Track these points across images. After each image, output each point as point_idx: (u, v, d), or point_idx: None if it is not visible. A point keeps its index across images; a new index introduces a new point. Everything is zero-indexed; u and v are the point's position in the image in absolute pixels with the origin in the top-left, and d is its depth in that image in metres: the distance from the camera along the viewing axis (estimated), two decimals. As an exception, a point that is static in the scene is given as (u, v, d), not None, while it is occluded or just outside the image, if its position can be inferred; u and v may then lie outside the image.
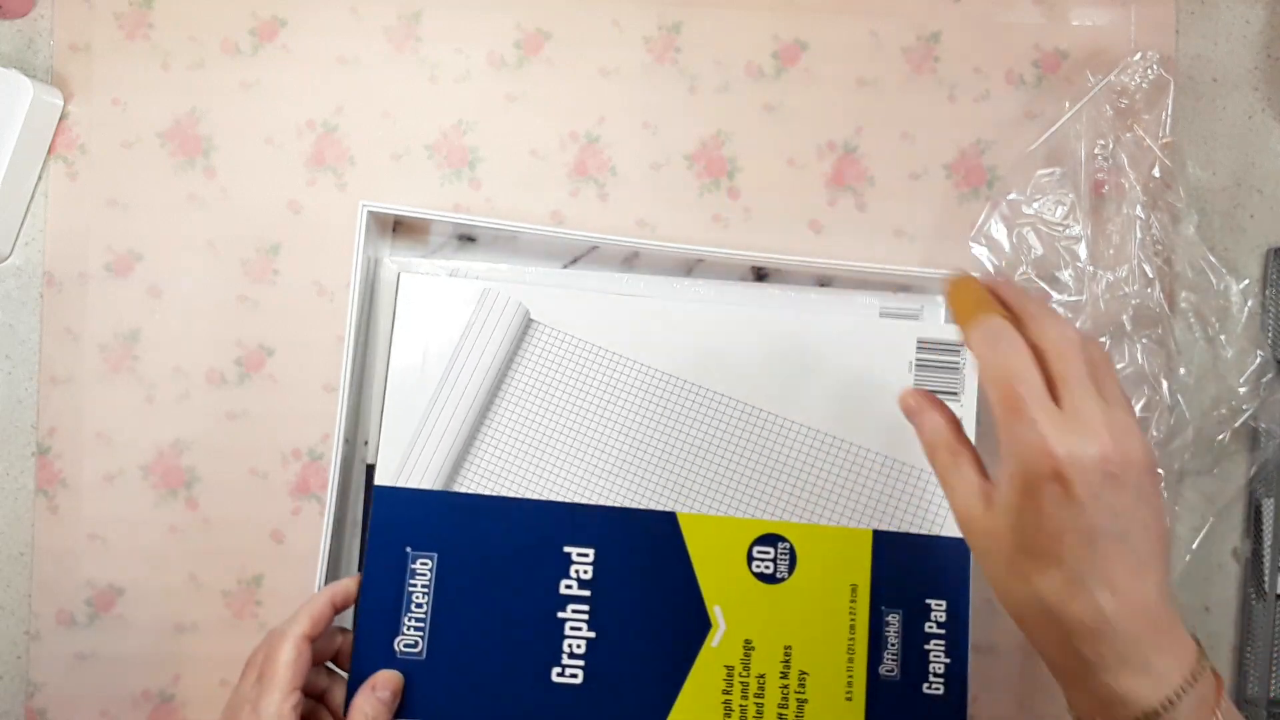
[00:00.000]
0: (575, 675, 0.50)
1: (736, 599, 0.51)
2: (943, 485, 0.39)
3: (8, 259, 0.57)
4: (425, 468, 0.52)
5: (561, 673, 0.50)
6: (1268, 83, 0.59)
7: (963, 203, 0.59)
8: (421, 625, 0.50)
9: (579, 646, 0.50)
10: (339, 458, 0.52)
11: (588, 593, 0.51)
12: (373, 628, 0.50)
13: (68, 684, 0.56)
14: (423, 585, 0.50)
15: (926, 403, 0.40)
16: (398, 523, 0.51)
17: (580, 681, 0.50)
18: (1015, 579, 0.36)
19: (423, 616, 0.50)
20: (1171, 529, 0.57)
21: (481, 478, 0.52)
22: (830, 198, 0.59)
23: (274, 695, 0.45)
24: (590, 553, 0.51)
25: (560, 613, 0.50)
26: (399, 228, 0.57)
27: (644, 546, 0.51)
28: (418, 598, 0.50)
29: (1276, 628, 0.56)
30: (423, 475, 0.51)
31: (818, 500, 0.52)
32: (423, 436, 0.52)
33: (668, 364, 0.53)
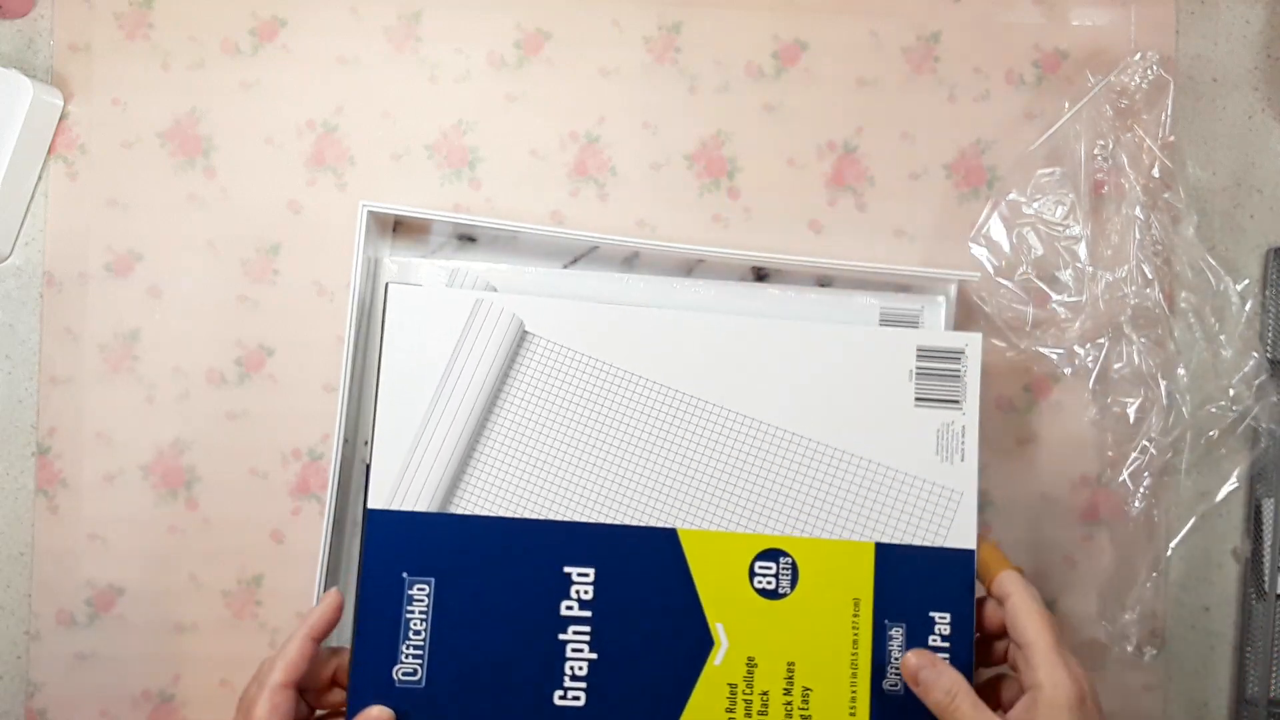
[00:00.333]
0: (578, 698, 0.49)
1: (739, 616, 0.50)
2: None
3: (8, 259, 0.57)
4: (420, 489, 0.50)
5: (564, 695, 0.49)
6: (1268, 83, 0.59)
7: (963, 203, 0.59)
8: (420, 653, 0.49)
9: (581, 668, 0.49)
10: (339, 458, 0.52)
11: (589, 613, 0.50)
12: (369, 658, 0.48)
13: (68, 684, 0.56)
14: (420, 611, 0.49)
15: (929, 660, 0.47)
16: (393, 547, 0.49)
17: (583, 704, 0.49)
18: None
19: (421, 644, 0.49)
20: (1171, 529, 0.57)
21: (478, 497, 0.50)
22: (830, 198, 0.59)
23: None
24: (591, 572, 0.50)
25: (561, 634, 0.49)
26: (399, 228, 0.57)
27: (645, 564, 0.50)
28: (415, 624, 0.49)
29: (1276, 628, 0.56)
30: (418, 497, 0.50)
31: (819, 514, 0.51)
32: (416, 457, 0.50)
33: (665, 377, 0.52)
